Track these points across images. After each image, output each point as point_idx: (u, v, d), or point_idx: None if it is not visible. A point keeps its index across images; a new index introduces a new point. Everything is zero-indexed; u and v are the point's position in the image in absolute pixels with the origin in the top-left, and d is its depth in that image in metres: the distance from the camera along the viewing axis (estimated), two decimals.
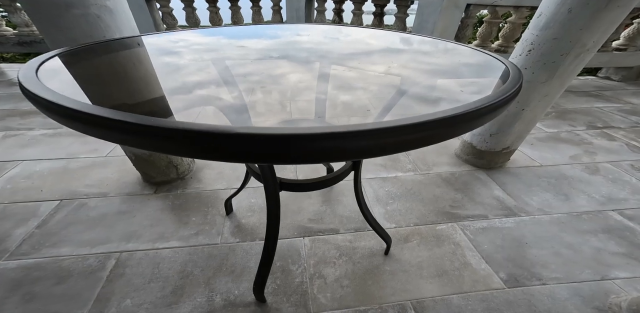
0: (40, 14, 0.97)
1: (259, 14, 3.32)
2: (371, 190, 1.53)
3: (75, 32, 0.99)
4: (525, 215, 1.36)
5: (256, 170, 0.86)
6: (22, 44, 3.27)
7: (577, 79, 3.35)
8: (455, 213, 1.38)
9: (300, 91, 0.69)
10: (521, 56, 1.34)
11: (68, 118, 0.38)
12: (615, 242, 1.22)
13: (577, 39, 1.17)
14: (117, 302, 0.99)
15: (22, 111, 2.31)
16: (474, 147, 1.68)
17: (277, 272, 1.10)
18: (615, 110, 2.44)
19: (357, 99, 0.67)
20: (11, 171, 1.60)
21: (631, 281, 1.06)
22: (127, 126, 0.34)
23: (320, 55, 0.98)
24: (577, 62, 1.25)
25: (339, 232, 1.28)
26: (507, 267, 1.13)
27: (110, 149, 1.82)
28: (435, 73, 0.79)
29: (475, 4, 2.50)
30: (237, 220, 1.34)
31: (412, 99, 0.66)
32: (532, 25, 1.29)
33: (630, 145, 1.92)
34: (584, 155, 1.81)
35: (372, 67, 0.88)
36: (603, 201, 1.44)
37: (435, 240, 1.24)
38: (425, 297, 1.03)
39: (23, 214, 1.32)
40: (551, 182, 1.57)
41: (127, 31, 1.12)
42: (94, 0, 0.98)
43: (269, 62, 0.91)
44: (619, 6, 1.07)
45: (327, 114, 0.58)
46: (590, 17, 1.10)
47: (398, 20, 2.83)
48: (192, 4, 3.12)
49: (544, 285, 1.06)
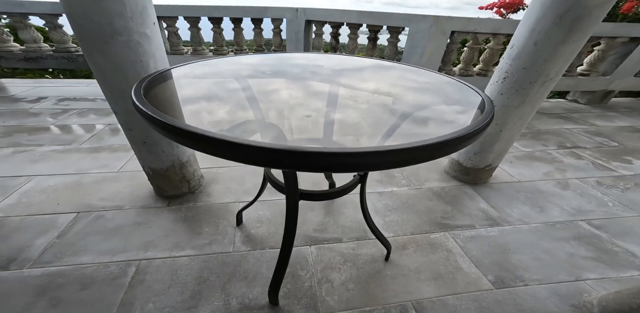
0: (90, 40, 1.08)
1: (260, 36, 3.54)
2: (370, 203, 1.67)
3: (117, 56, 1.12)
4: (507, 224, 1.52)
5: (279, 183, 0.99)
6: (27, 59, 3.37)
7: (549, 102, 3.70)
8: (446, 223, 1.53)
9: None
10: (497, 83, 1.55)
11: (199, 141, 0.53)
12: (585, 248, 1.39)
13: (542, 69, 1.38)
14: (140, 306, 1.06)
15: (29, 127, 2.38)
16: (461, 164, 1.87)
17: (288, 277, 1.20)
18: (582, 131, 2.74)
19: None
20: (25, 185, 1.66)
21: (600, 281, 1.22)
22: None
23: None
24: (542, 90, 1.46)
25: (342, 240, 1.39)
26: (494, 270, 1.26)
27: (121, 165, 1.91)
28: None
29: (459, 31, 2.80)
30: (247, 230, 1.44)
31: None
32: (506, 54, 1.50)
33: (596, 163, 2.16)
34: (556, 172, 2.03)
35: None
36: (573, 212, 1.63)
37: (430, 248, 1.37)
38: (424, 298, 1.14)
39: (42, 226, 1.38)
40: (528, 195, 1.76)
41: (159, 55, 1.25)
42: (137, 28, 1.11)
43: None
44: (574, 41, 1.29)
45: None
46: (552, 50, 1.32)
47: (390, 44, 3.06)
48: (197, 25, 3.34)
49: (527, 286, 1.20)
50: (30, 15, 3.15)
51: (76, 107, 2.83)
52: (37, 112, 2.67)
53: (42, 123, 2.46)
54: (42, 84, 3.48)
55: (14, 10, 3.05)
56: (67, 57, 3.36)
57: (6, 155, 1.94)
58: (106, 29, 1.05)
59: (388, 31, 2.98)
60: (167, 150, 1.45)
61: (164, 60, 1.29)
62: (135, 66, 1.17)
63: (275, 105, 0.88)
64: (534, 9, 1.31)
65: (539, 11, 1.29)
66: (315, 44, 3.47)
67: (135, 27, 1.10)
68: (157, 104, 0.71)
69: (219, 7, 3.25)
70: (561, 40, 1.28)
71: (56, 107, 2.82)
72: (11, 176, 1.73)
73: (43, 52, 3.32)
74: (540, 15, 1.29)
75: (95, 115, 2.68)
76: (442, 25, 2.60)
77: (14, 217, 1.43)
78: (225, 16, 3.31)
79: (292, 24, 3.41)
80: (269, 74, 1.19)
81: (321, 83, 1.12)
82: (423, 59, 2.81)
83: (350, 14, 3.02)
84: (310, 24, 3.41)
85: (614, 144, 2.48)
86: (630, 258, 1.34)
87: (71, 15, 1.04)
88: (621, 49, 3.27)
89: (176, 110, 0.79)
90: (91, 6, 1.00)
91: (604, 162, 2.17)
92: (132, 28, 1.10)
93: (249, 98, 0.92)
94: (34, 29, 3.30)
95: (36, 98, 3.02)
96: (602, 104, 3.63)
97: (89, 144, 2.16)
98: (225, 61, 1.29)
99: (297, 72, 1.25)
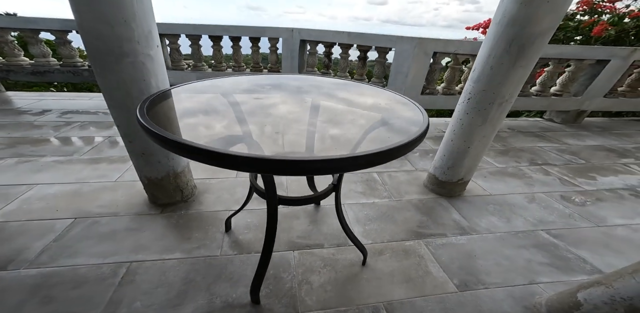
0: (101, 61, 1.23)
1: (257, 53, 3.78)
2: (352, 213, 1.79)
3: (124, 75, 1.27)
4: (476, 233, 1.65)
5: (261, 190, 1.12)
6: (35, 73, 3.55)
7: (526, 121, 3.93)
8: (421, 232, 1.65)
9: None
10: (463, 103, 1.71)
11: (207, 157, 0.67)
12: (542, 255, 1.51)
13: (498, 91, 1.55)
14: (128, 303, 1.15)
15: (32, 139, 2.49)
16: (437, 178, 2.02)
17: (270, 279, 1.29)
18: (553, 149, 2.94)
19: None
20: (26, 193, 1.76)
21: (552, 284, 1.33)
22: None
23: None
24: (500, 110, 1.62)
25: (323, 246, 1.50)
26: (460, 274, 1.37)
27: (118, 175, 2.02)
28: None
29: (441, 52, 3.04)
30: (235, 236, 1.54)
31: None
32: (469, 77, 1.66)
33: (562, 179, 2.33)
34: (525, 186, 2.19)
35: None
36: (535, 223, 1.77)
37: (404, 254, 1.49)
38: (395, 300, 1.24)
39: (40, 230, 1.47)
40: (497, 208, 1.90)
41: (160, 74, 1.40)
42: (142, 50, 1.26)
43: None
44: (522, 66, 1.46)
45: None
46: (504, 74, 1.49)
47: (378, 64, 3.30)
48: (198, 42, 3.59)
49: (487, 288, 1.30)
50: (41, 31, 3.35)
51: (78, 120, 2.97)
52: (40, 124, 2.80)
53: (45, 135, 2.59)
54: (46, 97, 3.64)
55: (27, 27, 3.27)
56: (73, 71, 3.55)
57: (9, 165, 2.05)
58: (116, 51, 1.21)
59: (376, 51, 3.24)
60: (163, 161, 1.58)
61: (164, 79, 1.44)
62: (139, 84, 1.32)
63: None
64: (490, 37, 1.49)
65: (492, 38, 1.48)
66: (309, 62, 3.71)
67: (141, 49, 1.27)
68: (158, 119, 0.85)
69: (220, 27, 3.49)
70: (511, 65, 1.46)
71: (59, 119, 2.96)
72: (13, 184, 1.83)
73: (51, 66, 3.51)
74: (493, 42, 1.48)
75: (96, 128, 2.81)
76: (425, 46, 2.85)
77: (14, 222, 1.52)
78: (225, 35, 3.55)
79: (287, 43, 3.65)
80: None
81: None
82: (408, 78, 3.04)
83: (341, 34, 3.29)
84: (304, 43, 3.66)
85: (581, 162, 2.66)
86: (582, 264, 1.47)
87: (87, 39, 1.20)
88: (589, 70, 3.50)
89: (173, 124, 0.94)
90: (107, 32, 1.16)
91: (569, 178, 2.34)
92: (139, 50, 1.26)
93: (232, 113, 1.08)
94: (44, 44, 3.51)
95: (40, 111, 3.17)
96: (577, 123, 3.85)
97: (89, 155, 2.28)
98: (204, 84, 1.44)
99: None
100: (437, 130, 3.27)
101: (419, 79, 3.14)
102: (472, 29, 5.78)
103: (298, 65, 3.73)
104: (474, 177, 2.19)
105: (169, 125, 0.91)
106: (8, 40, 3.38)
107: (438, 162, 1.99)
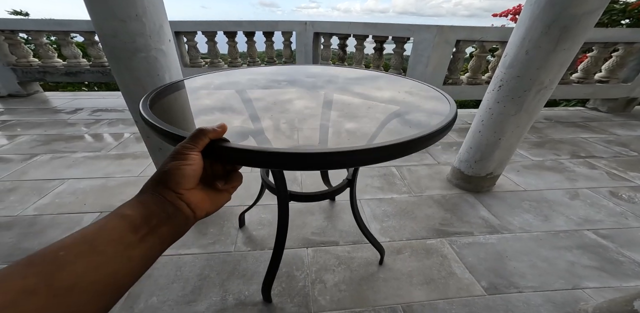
0: (117, 58, 1.24)
1: (271, 48, 3.76)
2: (369, 209, 1.71)
3: (139, 71, 1.28)
4: (508, 232, 1.51)
5: (272, 185, 1.08)
6: (68, 74, 3.77)
7: (566, 110, 3.58)
8: (444, 230, 1.54)
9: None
10: (494, 91, 1.57)
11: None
12: (588, 257, 1.34)
13: (536, 77, 1.39)
14: (145, 298, 1.16)
15: (66, 136, 2.65)
16: (462, 172, 1.87)
17: (283, 277, 1.26)
18: (599, 140, 2.63)
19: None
20: (59, 188, 1.86)
21: (600, 290, 1.18)
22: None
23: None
24: (538, 97, 1.47)
25: (338, 243, 1.44)
26: (489, 276, 1.26)
27: (141, 170, 2.08)
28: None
29: (465, 40, 2.84)
30: (249, 232, 1.52)
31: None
32: (500, 63, 1.52)
33: (611, 173, 2.08)
34: (566, 181, 1.97)
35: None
36: (580, 222, 1.58)
37: (425, 253, 1.39)
38: (414, 302, 1.16)
39: (69, 223, 1.55)
40: (533, 204, 1.73)
41: (174, 69, 1.39)
42: (154, 45, 1.26)
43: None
44: (565, 49, 1.30)
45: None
46: (543, 59, 1.34)
47: (396, 54, 3.14)
48: (213, 39, 3.65)
49: (521, 292, 1.18)
50: (72, 33, 3.54)
51: (107, 117, 3.12)
52: (73, 122, 2.97)
53: (77, 132, 2.74)
54: (79, 97, 3.86)
55: (58, 29, 3.47)
56: (102, 71, 3.73)
57: (45, 161, 2.18)
58: (129, 47, 1.21)
59: (393, 41, 3.07)
60: None
61: (178, 73, 1.44)
62: (153, 79, 1.32)
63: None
64: (524, 19, 1.35)
65: (527, 21, 1.33)
66: (323, 55, 3.61)
67: (153, 44, 1.26)
68: (164, 113, 0.82)
69: (233, 22, 3.51)
70: (551, 49, 1.31)
71: (90, 117, 3.13)
72: (47, 179, 1.95)
73: (82, 66, 3.71)
74: (529, 23, 1.32)
75: (123, 124, 2.94)
76: (446, 34, 2.66)
77: (47, 215, 1.61)
78: (239, 30, 3.56)
79: (301, 36, 3.59)
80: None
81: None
82: (428, 68, 2.86)
83: (356, 26, 3.15)
84: (318, 36, 3.57)
85: (633, 154, 2.36)
86: (637, 268, 1.28)
87: (102, 36, 1.21)
88: None
89: (180, 117, 0.91)
90: (119, 28, 1.17)
91: (619, 172, 2.08)
92: (151, 45, 1.25)
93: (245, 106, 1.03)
94: (74, 45, 3.71)
95: (74, 109, 3.36)
96: (626, 112, 3.46)
97: (115, 151, 2.38)
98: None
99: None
100: (462, 122, 3.06)
101: (440, 69, 2.95)
102: (499, 16, 5.35)
103: (312, 59, 3.65)
104: (505, 171, 2.01)
105: (176, 118, 0.88)
106: (42, 43, 3.59)
107: (464, 155, 1.84)
